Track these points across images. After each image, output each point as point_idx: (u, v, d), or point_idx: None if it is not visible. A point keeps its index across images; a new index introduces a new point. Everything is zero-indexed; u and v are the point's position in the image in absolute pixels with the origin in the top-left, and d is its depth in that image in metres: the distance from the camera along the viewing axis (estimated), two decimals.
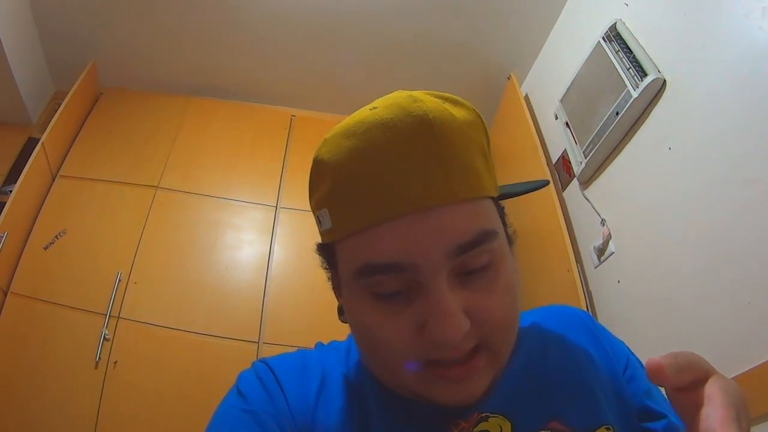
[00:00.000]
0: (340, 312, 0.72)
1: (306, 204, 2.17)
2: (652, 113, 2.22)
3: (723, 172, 1.86)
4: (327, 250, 0.69)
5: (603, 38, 2.41)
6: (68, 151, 2.71)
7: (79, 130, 2.80)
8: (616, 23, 2.39)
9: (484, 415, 0.67)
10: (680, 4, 2.10)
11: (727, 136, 1.86)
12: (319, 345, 0.83)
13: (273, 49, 3.02)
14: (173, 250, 2.52)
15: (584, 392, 0.73)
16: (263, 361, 0.76)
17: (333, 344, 0.82)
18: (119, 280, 2.35)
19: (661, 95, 2.18)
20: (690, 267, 1.90)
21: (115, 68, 3.04)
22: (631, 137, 2.32)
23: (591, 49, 2.49)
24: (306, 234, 2.71)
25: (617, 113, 2.27)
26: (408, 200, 0.59)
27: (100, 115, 2.89)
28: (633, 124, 2.30)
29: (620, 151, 2.35)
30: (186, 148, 2.83)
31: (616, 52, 2.33)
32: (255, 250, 2.64)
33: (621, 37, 2.34)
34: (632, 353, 0.83)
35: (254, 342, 2.37)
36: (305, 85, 3.24)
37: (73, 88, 2.65)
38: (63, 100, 2.65)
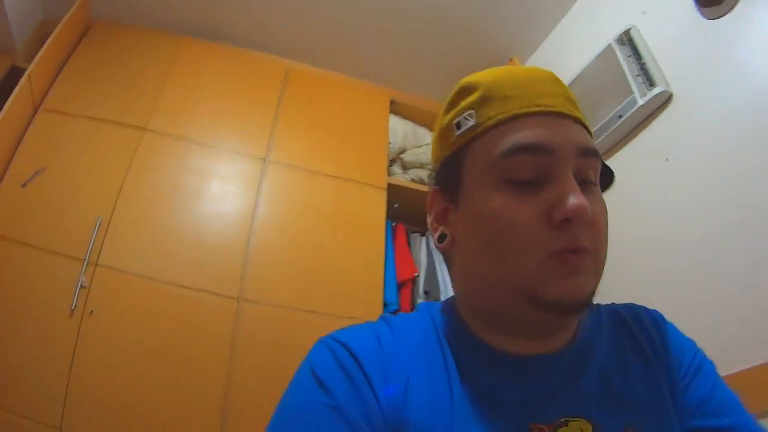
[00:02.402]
0: (441, 239, 0.81)
1: (296, 160, 2.29)
2: (654, 123, 2.31)
3: (717, 193, 1.99)
4: (452, 161, 0.78)
5: (616, 40, 2.44)
6: (52, 84, 2.56)
7: (65, 62, 2.64)
8: (631, 29, 2.44)
9: (563, 420, 0.70)
10: (701, 25, 2.16)
11: (725, 160, 1.96)
12: (389, 322, 0.81)
13: None
14: (157, 197, 2.44)
15: (659, 403, 0.76)
16: (338, 340, 0.74)
17: (404, 323, 0.81)
18: (99, 225, 2.27)
19: (666, 107, 2.28)
20: (677, 276, 2.02)
21: None
22: (629, 141, 2.40)
23: (601, 49, 2.54)
24: (293, 191, 2.68)
25: (620, 116, 2.34)
26: (546, 103, 0.74)
27: (88, 47, 2.73)
28: (633, 129, 2.38)
29: (616, 153, 2.41)
30: (177, 91, 2.71)
31: (627, 57, 2.38)
32: (240, 202, 2.58)
33: (634, 43, 2.39)
34: (700, 353, 0.86)
35: (234, 298, 2.34)
36: (306, 38, 3.20)
37: (65, 18, 2.50)
38: (50, 28, 2.50)
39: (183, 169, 2.56)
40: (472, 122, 0.75)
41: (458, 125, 0.77)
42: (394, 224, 3.01)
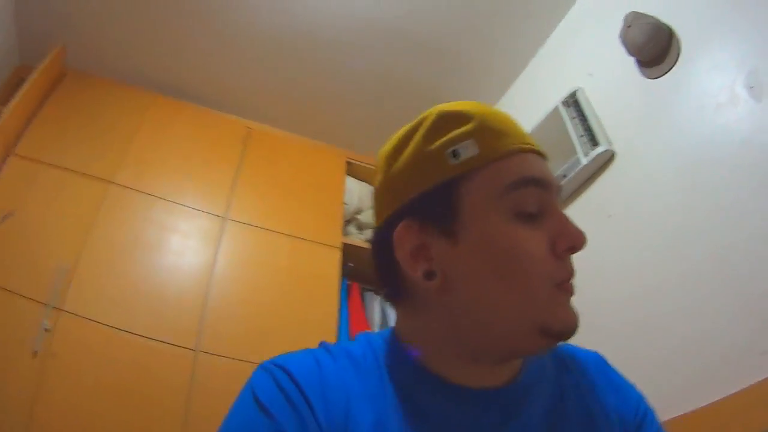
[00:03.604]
0: (430, 276, 0.75)
1: (254, 219, 2.74)
2: (597, 180, 2.37)
3: (658, 246, 2.03)
4: (444, 190, 0.75)
5: (562, 103, 2.55)
6: (24, 130, 2.60)
7: (39, 109, 2.68)
8: (576, 91, 2.53)
9: None
10: (642, 85, 2.27)
11: (665, 214, 2.03)
12: (328, 348, 0.81)
13: (245, 60, 3.09)
14: (120, 248, 2.47)
15: None
16: (279, 365, 0.74)
17: (344, 351, 0.81)
18: (65, 272, 2.28)
19: (609, 166, 2.33)
20: (618, 330, 2.05)
21: (85, 50, 2.96)
22: (574, 200, 2.46)
23: (549, 111, 2.62)
24: (251, 248, 2.74)
25: (564, 176, 2.40)
26: (533, 143, 0.79)
27: (62, 96, 2.78)
28: (577, 188, 2.44)
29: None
30: (144, 146, 2.79)
31: (572, 118, 2.46)
32: (199, 258, 2.63)
33: (579, 104, 2.48)
34: (644, 401, 0.88)
35: (192, 350, 2.35)
36: (266, 101, 3.33)
37: (41, 66, 2.55)
38: (25, 73, 2.55)
39: (145, 223, 2.60)
40: (474, 151, 0.75)
41: (455, 153, 0.75)
42: (348, 283, 3.07)
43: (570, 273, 0.73)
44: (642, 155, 2.21)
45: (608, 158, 2.34)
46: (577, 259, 0.76)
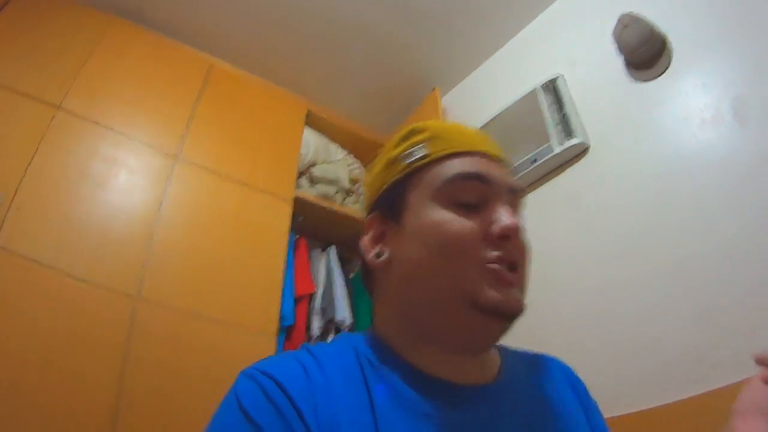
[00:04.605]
0: (378, 256, 0.88)
1: (207, 161, 2.67)
2: (567, 170, 2.38)
3: (620, 243, 2.09)
4: (398, 185, 0.89)
5: (541, 86, 2.52)
6: None
7: None
8: (557, 78, 2.51)
9: None
10: (627, 86, 2.28)
11: (632, 214, 2.10)
12: (311, 352, 0.79)
13: None
14: (64, 180, 2.27)
15: None
16: (264, 372, 0.71)
17: (328, 354, 0.79)
18: (1, 203, 2.08)
19: (581, 158, 2.35)
20: (575, 320, 2.10)
21: None
22: (540, 186, 2.46)
23: (526, 93, 2.59)
24: (200, 192, 2.61)
25: (534, 160, 2.39)
26: (484, 149, 0.89)
27: (13, 13, 2.50)
28: (546, 175, 2.44)
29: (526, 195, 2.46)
30: (97, 72, 2.56)
31: (550, 105, 2.45)
32: (146, 196, 2.47)
33: (558, 92, 2.47)
34: (602, 416, 0.96)
35: (132, 295, 2.23)
36: (232, 36, 3.13)
37: None
38: None
39: (92, 155, 2.41)
40: (426, 151, 0.88)
41: (409, 155, 0.89)
42: (296, 237, 3.00)
43: (505, 255, 0.79)
44: (617, 154, 2.25)
45: (581, 150, 2.36)
46: (537, 242, 0.88)
